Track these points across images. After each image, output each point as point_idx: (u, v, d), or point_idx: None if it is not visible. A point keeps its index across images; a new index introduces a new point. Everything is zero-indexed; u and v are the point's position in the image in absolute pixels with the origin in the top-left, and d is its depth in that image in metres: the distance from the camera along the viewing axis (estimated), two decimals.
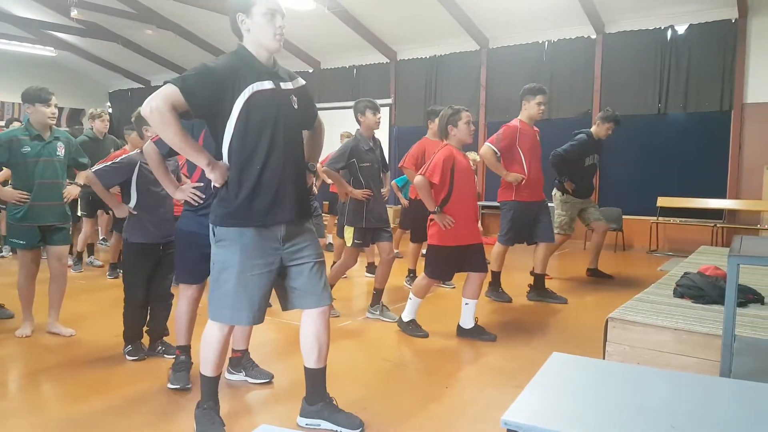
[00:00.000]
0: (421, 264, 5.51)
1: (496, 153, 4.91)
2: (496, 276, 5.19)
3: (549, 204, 5.33)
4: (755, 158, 7.75)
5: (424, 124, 5.68)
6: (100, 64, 14.40)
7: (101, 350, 3.75)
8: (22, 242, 3.88)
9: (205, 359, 2.53)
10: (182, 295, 3.14)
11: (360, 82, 10.99)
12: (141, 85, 14.97)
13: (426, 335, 4.04)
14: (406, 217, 7.00)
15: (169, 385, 3.11)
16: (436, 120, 5.52)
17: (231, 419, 2.78)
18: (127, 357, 3.53)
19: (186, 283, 3.13)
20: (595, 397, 1.77)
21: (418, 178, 3.88)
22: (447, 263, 3.99)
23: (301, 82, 2.57)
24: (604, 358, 3.14)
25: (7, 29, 12.17)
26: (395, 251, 7.40)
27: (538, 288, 5.18)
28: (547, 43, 9.22)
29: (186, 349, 3.19)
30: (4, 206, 4.43)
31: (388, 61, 10.84)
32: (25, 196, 3.80)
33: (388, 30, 10.34)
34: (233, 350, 3.28)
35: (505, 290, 5.18)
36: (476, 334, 4.00)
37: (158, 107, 2.18)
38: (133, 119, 3.58)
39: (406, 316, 4.13)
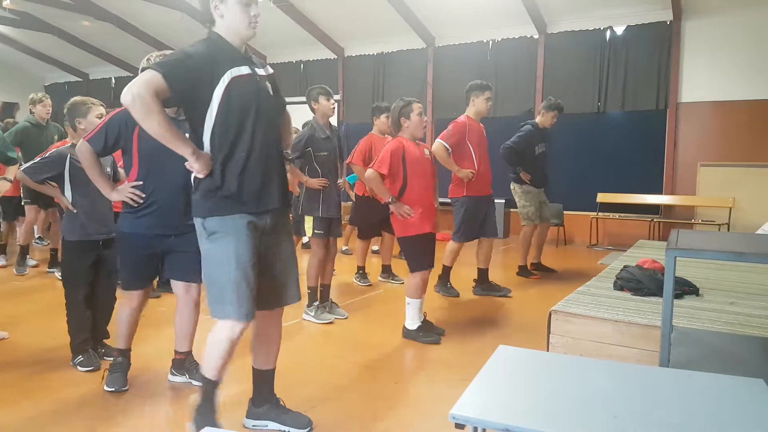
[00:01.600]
0: (375, 261, 5.50)
1: (447, 149, 4.94)
2: (446, 271, 5.22)
3: (495, 200, 5.41)
4: (689, 155, 8.12)
5: (371, 120, 5.66)
6: (35, 56, 13.71)
7: (38, 354, 3.59)
8: None
9: (210, 360, 2.36)
10: (125, 299, 3.01)
11: (307, 77, 10.86)
12: (79, 78, 14.36)
13: (438, 340, 3.89)
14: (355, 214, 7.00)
15: (106, 387, 2.99)
16: (381, 116, 5.55)
17: (174, 422, 2.71)
18: (79, 368, 3.31)
19: (129, 288, 3.00)
20: (540, 389, 1.80)
21: (369, 172, 3.86)
22: (424, 250, 3.92)
23: (271, 69, 2.50)
24: (548, 350, 3.21)
25: None
26: (345, 248, 7.42)
27: (483, 282, 5.26)
28: (491, 42, 9.37)
29: (125, 353, 3.08)
30: None
31: (336, 57, 10.77)
32: None
33: (336, 26, 10.27)
34: (176, 352, 3.19)
35: (453, 285, 5.23)
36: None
37: (140, 94, 2.07)
38: (65, 110, 3.39)
39: (410, 324, 3.95)
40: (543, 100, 8.69)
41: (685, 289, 3.54)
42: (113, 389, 2.97)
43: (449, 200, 5.23)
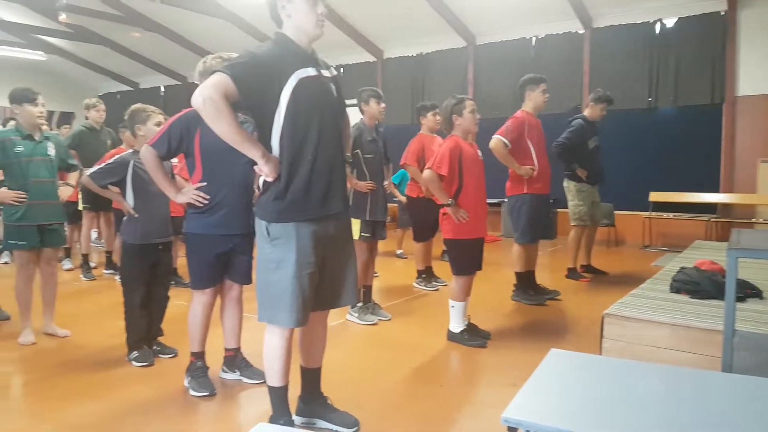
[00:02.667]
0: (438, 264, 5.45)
1: (507, 145, 4.76)
2: (521, 278, 4.99)
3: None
4: (748, 151, 7.76)
5: (411, 122, 5.63)
6: (89, 68, 14.28)
7: (97, 352, 3.72)
8: (22, 243, 3.82)
9: (270, 369, 2.42)
10: (196, 300, 3.07)
11: (347, 80, 10.94)
12: (130, 88, 14.87)
13: (484, 344, 3.79)
14: (405, 215, 6.95)
15: (194, 393, 3.02)
16: (429, 115, 5.51)
17: (227, 418, 2.77)
18: (134, 364, 3.44)
19: (199, 288, 3.06)
20: (594, 393, 1.75)
21: (426, 173, 3.77)
22: (473, 254, 3.83)
23: (335, 71, 2.51)
24: (600, 355, 3.11)
25: None
26: (399, 251, 7.39)
27: (522, 287, 5.10)
28: (534, 38, 9.21)
29: (201, 355, 3.14)
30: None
31: (375, 59, 10.80)
32: (22, 196, 3.76)
33: (374, 28, 10.30)
34: (226, 349, 3.26)
35: (533, 290, 4.98)
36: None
37: (211, 97, 2.10)
38: (126, 117, 3.53)
39: (454, 327, 3.88)
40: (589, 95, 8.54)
41: (747, 291, 3.38)
42: (205, 394, 3.00)
43: (497, 200, 5.09)
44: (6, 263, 6.81)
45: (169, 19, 11.06)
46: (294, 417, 2.60)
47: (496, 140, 4.76)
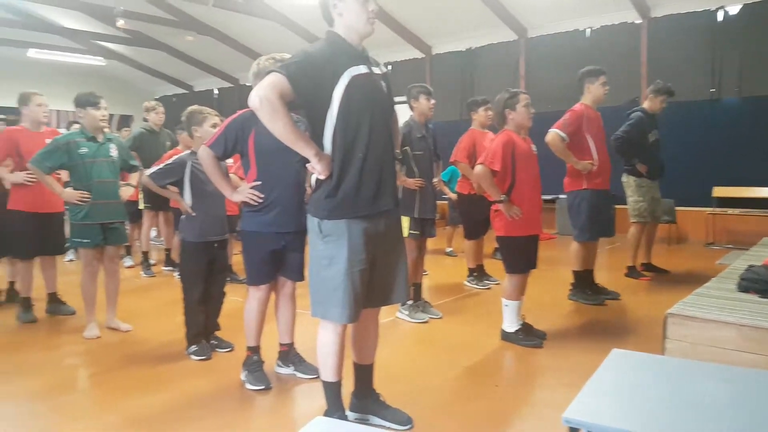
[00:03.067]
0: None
1: (564, 139, 4.62)
2: (578, 276, 4.85)
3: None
4: None
5: (460, 117, 5.57)
6: (146, 72, 14.80)
7: (158, 346, 3.86)
8: (86, 241, 3.99)
9: (324, 364, 2.45)
10: (251, 296, 3.15)
11: (395, 78, 10.91)
12: (185, 90, 15.33)
13: (540, 344, 3.70)
14: (454, 212, 6.89)
15: (250, 387, 3.09)
16: (480, 110, 5.43)
17: (282, 412, 2.83)
18: (193, 357, 3.55)
19: (255, 284, 3.13)
20: (657, 394, 1.71)
21: (478, 168, 3.71)
22: (524, 253, 3.75)
23: (384, 68, 2.52)
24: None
25: (59, 41, 12.64)
26: (449, 249, 7.34)
27: (580, 286, 4.96)
28: (588, 30, 8.97)
29: (256, 350, 3.21)
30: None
31: (423, 56, 10.75)
32: (87, 196, 3.92)
33: (422, 24, 10.25)
34: (280, 344, 3.31)
35: (592, 289, 4.84)
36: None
37: (267, 97, 2.15)
38: (183, 119, 3.65)
39: (508, 327, 3.79)
40: (648, 87, 8.24)
41: None
42: (261, 388, 3.06)
43: (551, 196, 4.95)
44: (71, 260, 7.14)
45: (221, 23, 11.33)
46: (347, 413, 2.61)
47: (553, 134, 4.63)
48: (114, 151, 4.11)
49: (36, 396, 3.07)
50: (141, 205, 6.54)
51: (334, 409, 2.49)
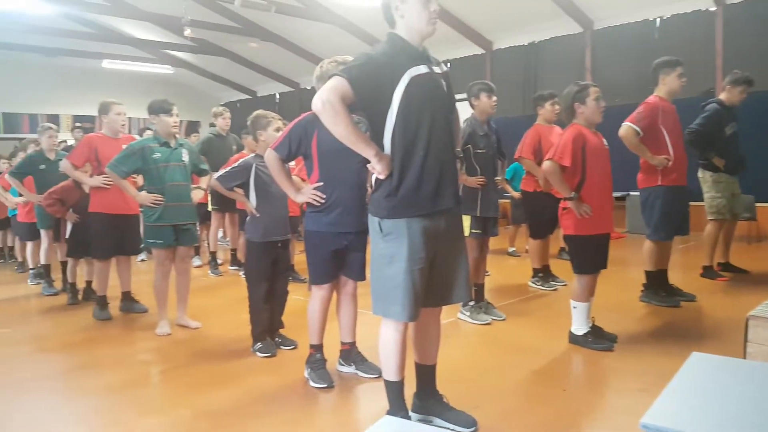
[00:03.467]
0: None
1: (638, 133, 4.43)
2: (650, 277, 4.66)
3: None
4: None
5: (523, 113, 5.43)
6: (211, 78, 15.35)
7: (225, 343, 3.97)
8: (159, 242, 4.17)
9: (386, 363, 2.46)
10: (314, 295, 3.19)
11: (454, 75, 10.77)
12: (248, 96, 15.78)
13: (611, 347, 3.54)
14: (518, 211, 6.74)
15: (313, 384, 3.13)
16: (546, 105, 5.28)
17: (345, 410, 2.86)
18: (258, 354, 3.64)
19: (318, 283, 3.17)
20: (739, 399, 1.63)
21: (547, 164, 3.59)
22: (594, 252, 3.61)
23: (445, 67, 2.52)
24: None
25: (130, 51, 13.29)
26: (511, 249, 7.20)
27: (652, 287, 4.71)
28: (658, 19, 8.59)
29: (319, 348, 3.24)
30: None
31: (484, 51, 10.60)
32: (160, 199, 4.09)
33: (483, 20, 10.12)
34: (342, 343, 3.34)
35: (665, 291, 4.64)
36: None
37: (329, 100, 2.20)
38: (248, 123, 3.76)
39: (577, 329, 3.66)
40: (724, 78, 7.79)
41: None
42: (324, 386, 3.09)
43: (621, 193, 4.74)
44: (142, 261, 7.47)
45: (283, 28, 11.59)
46: (410, 413, 2.59)
47: (627, 128, 4.44)
48: (185, 156, 4.27)
49: (111, 390, 3.22)
50: (209, 207, 6.76)
51: (397, 408, 2.47)
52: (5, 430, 2.69)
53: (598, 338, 3.62)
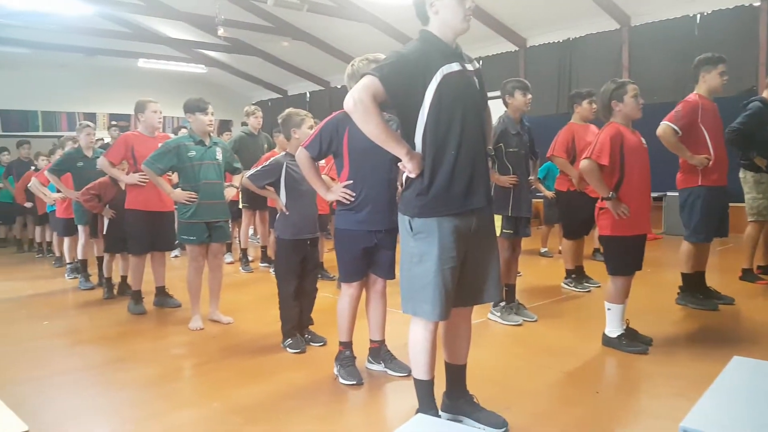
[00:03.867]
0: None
1: (677, 132, 4.32)
2: (687, 280, 4.55)
3: None
4: None
5: (557, 112, 5.34)
6: (243, 77, 15.52)
7: (255, 338, 4.01)
8: (192, 238, 4.24)
9: (416, 362, 2.45)
10: (344, 293, 3.20)
11: (487, 72, 10.64)
12: (279, 95, 15.91)
13: (645, 350, 3.47)
14: (550, 211, 6.64)
15: (343, 381, 3.15)
16: (583, 103, 5.19)
17: (374, 408, 2.87)
18: (288, 350, 3.67)
19: (348, 281, 3.18)
20: None
21: (584, 162, 3.52)
22: (630, 254, 3.54)
23: (477, 65, 2.51)
24: None
25: (164, 50, 13.54)
26: (544, 249, 7.10)
27: (689, 289, 4.58)
28: (699, 15, 8.36)
29: (348, 345, 3.26)
30: None
31: (517, 48, 10.48)
32: (194, 196, 4.16)
33: (517, 16, 9.99)
34: (371, 341, 3.33)
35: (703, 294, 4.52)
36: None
37: (361, 99, 2.21)
38: (280, 122, 3.79)
39: (611, 331, 3.59)
40: (767, 75, 7.55)
41: None
42: (353, 383, 3.10)
43: (658, 194, 4.62)
44: (176, 257, 7.60)
45: (314, 27, 11.65)
46: (440, 413, 2.57)
47: (665, 127, 4.33)
48: (219, 154, 4.33)
49: (146, 383, 3.28)
50: (240, 205, 6.85)
51: (426, 407, 2.46)
52: (43, 421, 2.75)
53: (632, 341, 3.54)
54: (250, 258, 6.94)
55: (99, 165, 4.97)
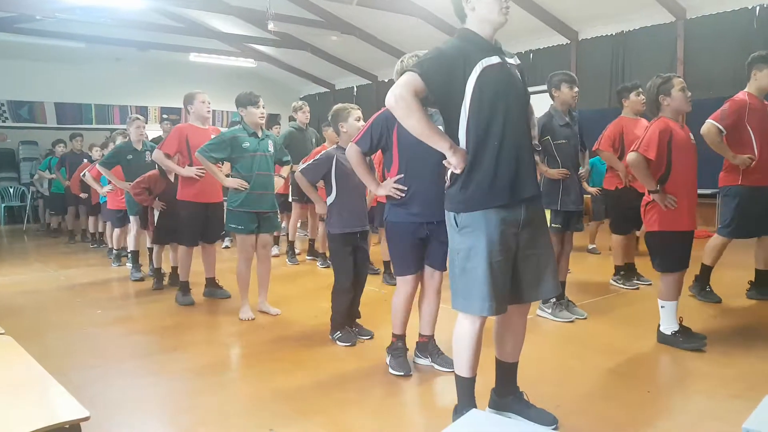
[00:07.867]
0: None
1: (721, 131, 4.23)
2: (706, 271, 4.52)
3: None
4: None
5: (609, 105, 5.21)
6: (292, 72, 15.67)
7: (304, 330, 4.08)
8: (240, 227, 4.34)
9: (459, 358, 2.43)
10: (400, 289, 3.23)
11: (537, 66, 10.45)
12: (326, 89, 16.02)
13: (701, 347, 3.41)
14: (598, 207, 6.50)
15: (393, 371, 3.20)
16: (632, 96, 5.06)
17: (421, 401, 2.90)
18: (338, 342, 3.72)
19: (402, 274, 3.20)
20: None
21: (632, 155, 3.49)
22: (681, 248, 3.49)
23: (518, 60, 2.49)
24: None
25: (215, 45, 13.80)
26: (591, 246, 6.95)
27: (762, 285, 4.46)
28: (758, 7, 7.97)
29: (401, 338, 3.30)
30: None
31: (569, 41, 10.25)
32: (245, 185, 4.27)
33: (569, 9, 9.75)
34: (420, 335, 3.35)
35: (713, 289, 4.53)
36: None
37: (402, 95, 2.22)
38: (329, 116, 3.84)
39: (666, 328, 3.55)
40: None
41: None
42: (402, 374, 3.16)
43: (711, 191, 4.51)
44: (226, 247, 7.77)
45: (363, 21, 11.66)
46: (487, 409, 2.58)
47: (709, 126, 4.24)
48: (271, 147, 4.43)
49: (196, 372, 3.35)
50: (290, 198, 6.95)
51: (465, 404, 2.42)
52: (102, 407, 2.80)
53: (688, 337, 3.46)
54: (297, 251, 7.04)
55: (154, 157, 5.08)
